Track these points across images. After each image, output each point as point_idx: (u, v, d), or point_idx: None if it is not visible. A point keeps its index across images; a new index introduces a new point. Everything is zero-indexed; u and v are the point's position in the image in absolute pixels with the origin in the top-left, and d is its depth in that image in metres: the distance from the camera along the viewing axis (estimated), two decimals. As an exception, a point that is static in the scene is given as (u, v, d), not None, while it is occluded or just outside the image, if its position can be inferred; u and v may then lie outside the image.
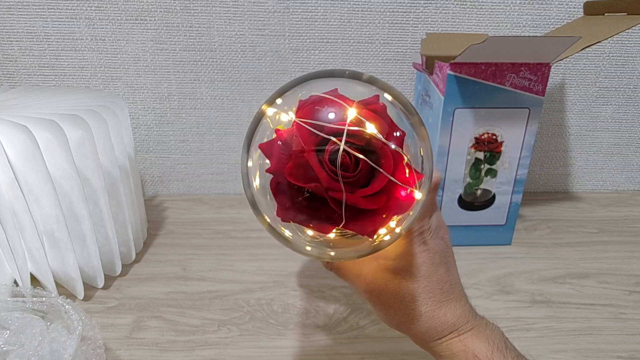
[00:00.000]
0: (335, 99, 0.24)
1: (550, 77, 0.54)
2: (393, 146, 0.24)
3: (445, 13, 0.68)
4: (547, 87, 0.53)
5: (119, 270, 0.53)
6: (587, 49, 0.53)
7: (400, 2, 0.67)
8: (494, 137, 0.55)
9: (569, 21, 0.67)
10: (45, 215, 0.45)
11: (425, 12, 0.68)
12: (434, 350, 0.33)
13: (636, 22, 0.50)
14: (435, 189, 0.31)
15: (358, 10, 0.67)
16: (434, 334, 0.32)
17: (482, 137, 0.55)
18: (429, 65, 0.57)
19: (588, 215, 0.71)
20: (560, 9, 0.68)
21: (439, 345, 0.32)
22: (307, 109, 0.25)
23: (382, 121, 0.24)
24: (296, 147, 0.24)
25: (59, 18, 0.66)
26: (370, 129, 0.24)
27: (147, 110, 0.72)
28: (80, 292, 0.48)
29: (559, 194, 0.80)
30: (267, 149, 0.26)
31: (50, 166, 0.43)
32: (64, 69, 0.69)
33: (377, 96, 0.26)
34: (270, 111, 0.27)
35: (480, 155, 0.56)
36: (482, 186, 0.58)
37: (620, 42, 0.71)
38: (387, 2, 0.67)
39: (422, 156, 0.26)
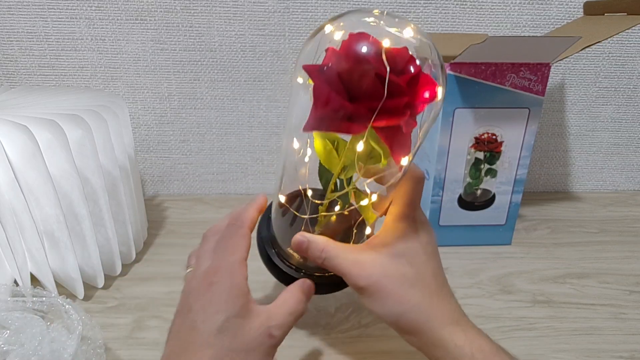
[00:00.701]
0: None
1: (550, 77, 0.54)
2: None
3: (445, 13, 0.68)
4: (547, 87, 0.54)
5: (119, 270, 0.53)
6: (587, 49, 0.53)
7: (400, 2, 0.67)
8: (494, 137, 0.55)
9: (569, 21, 0.68)
10: (45, 215, 0.45)
11: (425, 12, 0.68)
12: (436, 345, 0.31)
13: (636, 22, 0.50)
14: (419, 182, 0.33)
15: (358, 10, 0.67)
16: (436, 324, 0.31)
17: (482, 137, 0.55)
18: (429, 65, 0.57)
19: (588, 215, 0.71)
20: (560, 9, 0.68)
21: (441, 337, 0.31)
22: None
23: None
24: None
25: (59, 18, 0.66)
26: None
27: (147, 110, 0.72)
28: (80, 292, 0.48)
29: (559, 194, 0.80)
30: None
31: (51, 166, 0.43)
32: (64, 69, 0.69)
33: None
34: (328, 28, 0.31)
35: (480, 155, 0.56)
36: (482, 186, 0.58)
37: (620, 42, 0.71)
38: (387, 2, 0.67)
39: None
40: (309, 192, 0.36)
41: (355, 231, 0.36)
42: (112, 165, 0.50)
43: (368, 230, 0.37)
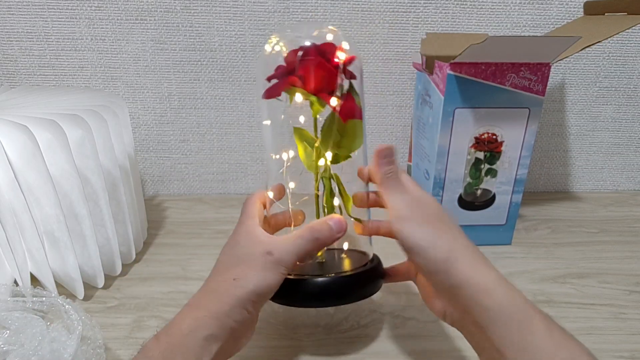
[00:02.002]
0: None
1: (550, 77, 0.54)
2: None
3: (445, 13, 0.68)
4: (547, 87, 0.54)
5: (119, 270, 0.53)
6: (587, 49, 0.53)
7: (400, 2, 0.67)
8: (494, 136, 0.55)
9: (569, 21, 0.68)
10: (45, 215, 0.45)
11: (425, 12, 0.68)
12: (488, 279, 0.32)
13: (636, 22, 0.50)
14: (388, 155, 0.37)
15: (358, 10, 0.67)
16: (481, 259, 0.34)
17: (482, 136, 0.55)
18: (429, 65, 0.57)
19: (588, 215, 0.71)
20: (560, 9, 0.68)
21: (491, 269, 0.33)
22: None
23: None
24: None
25: (59, 18, 0.66)
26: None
27: (147, 110, 0.72)
28: (80, 292, 0.48)
29: (559, 193, 0.80)
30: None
31: (51, 166, 0.43)
32: (64, 68, 0.69)
33: None
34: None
35: (481, 155, 0.56)
36: (482, 186, 0.58)
37: (620, 42, 0.71)
38: (387, 2, 0.67)
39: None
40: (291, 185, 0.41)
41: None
42: (112, 165, 0.50)
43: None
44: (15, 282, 0.45)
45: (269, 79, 0.39)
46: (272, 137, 0.42)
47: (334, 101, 0.38)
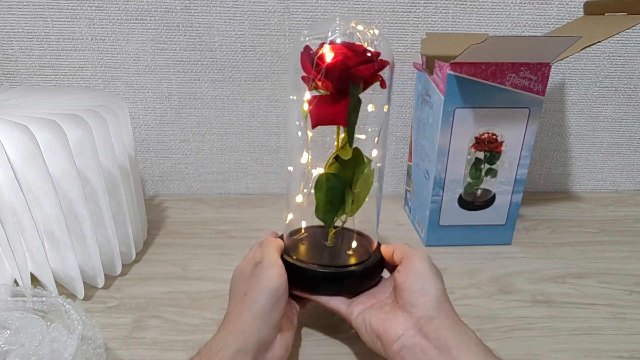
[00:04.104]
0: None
1: (550, 77, 0.54)
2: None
3: (445, 13, 0.68)
4: (547, 87, 0.54)
5: (119, 270, 0.53)
6: (587, 49, 0.53)
7: (400, 2, 0.67)
8: (494, 136, 0.55)
9: (569, 21, 0.68)
10: (45, 215, 0.45)
11: (425, 12, 0.68)
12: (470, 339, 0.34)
13: (636, 22, 0.50)
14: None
15: (358, 10, 0.67)
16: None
17: (482, 136, 0.55)
18: (429, 65, 0.57)
19: (588, 215, 0.71)
20: (560, 9, 0.68)
21: None
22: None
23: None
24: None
25: (59, 18, 0.66)
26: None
27: (147, 110, 0.72)
28: (80, 292, 0.48)
29: (559, 193, 0.80)
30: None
31: (51, 166, 0.43)
32: (64, 68, 0.69)
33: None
34: None
35: (481, 155, 0.56)
36: (482, 186, 0.58)
37: (620, 42, 0.71)
38: (387, 2, 0.67)
39: None
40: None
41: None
42: (112, 165, 0.50)
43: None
44: (16, 282, 0.45)
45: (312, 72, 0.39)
46: (296, 113, 0.43)
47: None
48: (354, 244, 0.45)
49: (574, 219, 0.69)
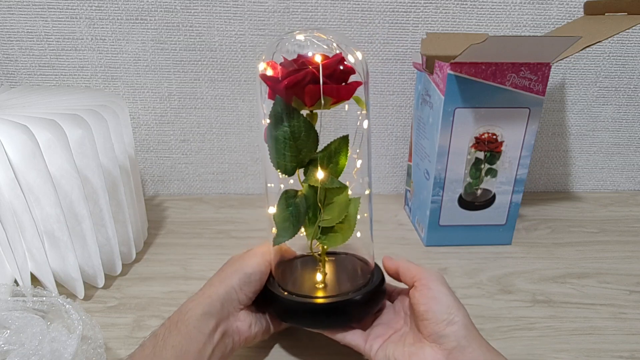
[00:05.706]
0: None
1: (550, 77, 0.54)
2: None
3: (445, 13, 0.68)
4: (547, 87, 0.54)
5: (119, 269, 0.53)
6: (587, 49, 0.53)
7: (400, 2, 0.67)
8: (494, 136, 0.55)
9: (569, 21, 0.68)
10: (45, 214, 0.45)
11: (425, 12, 0.68)
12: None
13: (636, 22, 0.50)
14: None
15: (358, 10, 0.67)
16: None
17: (483, 136, 0.55)
18: (429, 65, 0.57)
19: (588, 215, 0.71)
20: (560, 9, 0.68)
21: None
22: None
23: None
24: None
25: (59, 18, 0.66)
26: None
27: (147, 110, 0.72)
28: (80, 292, 0.48)
29: (559, 193, 0.80)
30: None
31: (51, 166, 0.43)
32: (64, 68, 0.69)
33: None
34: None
35: (481, 154, 0.56)
36: (482, 186, 0.58)
37: (620, 42, 0.71)
38: (387, 2, 0.67)
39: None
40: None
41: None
42: (112, 165, 0.50)
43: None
44: (16, 281, 0.45)
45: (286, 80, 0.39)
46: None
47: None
48: (350, 267, 0.43)
49: (574, 219, 0.69)
